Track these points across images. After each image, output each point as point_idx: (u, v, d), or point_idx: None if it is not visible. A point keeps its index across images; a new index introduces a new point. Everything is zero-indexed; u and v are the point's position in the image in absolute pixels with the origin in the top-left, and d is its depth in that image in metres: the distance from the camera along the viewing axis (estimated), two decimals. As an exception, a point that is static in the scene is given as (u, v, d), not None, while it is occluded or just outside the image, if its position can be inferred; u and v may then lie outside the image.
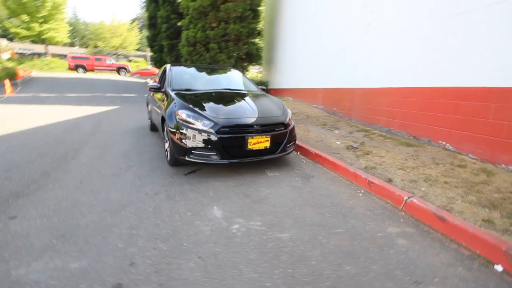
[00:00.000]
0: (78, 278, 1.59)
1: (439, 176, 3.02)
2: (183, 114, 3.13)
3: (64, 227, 2.11)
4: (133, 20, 40.98)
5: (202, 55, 12.03)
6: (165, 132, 3.55)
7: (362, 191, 2.86)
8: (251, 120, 3.13)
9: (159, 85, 4.04)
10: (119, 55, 38.70)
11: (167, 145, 3.67)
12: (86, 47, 40.12)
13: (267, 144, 3.17)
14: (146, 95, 6.30)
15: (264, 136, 3.14)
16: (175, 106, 3.30)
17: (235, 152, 3.07)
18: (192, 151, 3.03)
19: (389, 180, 2.89)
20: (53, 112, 7.91)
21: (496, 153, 3.20)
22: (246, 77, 4.95)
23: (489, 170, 3.10)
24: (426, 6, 4.24)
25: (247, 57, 12.95)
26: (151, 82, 5.65)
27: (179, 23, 14.72)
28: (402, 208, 2.40)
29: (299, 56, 9.60)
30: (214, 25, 12.12)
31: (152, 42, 17.71)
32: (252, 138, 3.06)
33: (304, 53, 9.10)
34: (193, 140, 3.00)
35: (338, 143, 4.45)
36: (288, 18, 10.72)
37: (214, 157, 3.02)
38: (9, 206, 2.45)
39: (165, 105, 3.60)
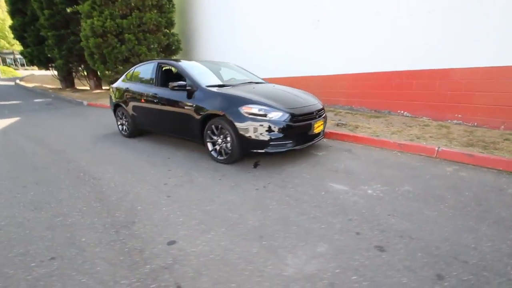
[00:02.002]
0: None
1: (422, 133, 4.34)
2: (253, 108, 3.20)
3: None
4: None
5: (115, 48, 10.49)
6: (207, 133, 3.55)
7: (396, 151, 3.82)
8: (312, 107, 3.53)
9: (185, 83, 3.73)
10: None
11: (210, 146, 3.59)
12: None
13: (322, 127, 3.68)
14: (112, 97, 5.34)
15: (321, 121, 3.62)
16: (236, 101, 3.29)
17: (302, 138, 3.43)
18: (271, 143, 3.19)
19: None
20: None
21: (443, 113, 4.83)
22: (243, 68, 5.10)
23: (444, 125, 4.68)
24: (374, 10, 5.55)
25: (167, 49, 12.13)
26: (132, 85, 4.86)
27: (69, 9, 11.94)
28: (436, 155, 3.48)
29: (238, 49, 9.89)
30: (125, 12, 10.70)
31: (22, 33, 13.62)
32: (316, 123, 3.49)
33: (243, 46, 9.48)
34: (272, 132, 3.16)
35: (330, 122, 5.34)
36: (211, 11, 10.72)
37: (289, 145, 3.29)
38: None
39: (202, 104, 3.53)
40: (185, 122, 3.81)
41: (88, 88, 14.55)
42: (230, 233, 2.03)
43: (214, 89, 3.62)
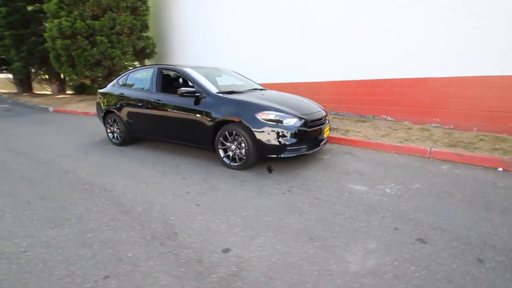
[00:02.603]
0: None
1: (408, 136, 4.78)
2: (270, 114, 3.28)
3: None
4: None
5: (86, 50, 9.87)
6: (218, 139, 3.56)
7: (392, 153, 4.16)
8: (320, 113, 3.71)
9: (194, 89, 3.68)
10: None
11: (222, 152, 3.60)
12: None
13: (328, 132, 3.88)
14: (101, 103, 5.03)
15: (328, 126, 3.82)
16: (252, 108, 3.35)
17: (314, 142, 3.59)
18: (287, 148, 3.29)
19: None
20: None
21: (422, 117, 5.35)
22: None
23: (425, 128, 5.19)
24: (356, 21, 6.00)
25: (141, 52, 11.70)
26: (127, 90, 4.62)
27: (30, 7, 10.90)
28: (429, 156, 3.87)
29: (218, 54, 9.86)
30: (96, 13, 10.15)
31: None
32: (325, 128, 3.68)
33: (223, 52, 9.49)
34: (288, 137, 3.27)
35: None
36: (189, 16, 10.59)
37: (303, 149, 3.42)
38: None
39: (214, 111, 3.54)
40: (194, 128, 3.76)
41: (49, 93, 13.37)
42: (280, 237, 2.08)
43: (226, 96, 3.63)
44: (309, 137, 3.43)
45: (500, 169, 3.36)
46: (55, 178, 3.37)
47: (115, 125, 4.84)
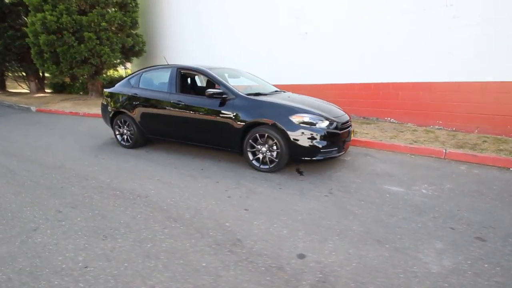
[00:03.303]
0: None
1: (416, 138, 5.00)
2: (305, 117, 3.29)
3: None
4: None
5: (72, 47, 9.33)
6: (248, 142, 3.50)
7: (409, 154, 4.33)
8: (346, 116, 3.77)
9: (221, 90, 3.60)
10: None
11: (251, 155, 3.56)
12: None
13: (353, 135, 3.95)
14: (109, 103, 4.76)
15: (352, 128, 3.89)
16: (286, 110, 3.34)
17: (342, 145, 3.64)
18: (321, 150, 3.31)
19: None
20: None
21: (426, 119, 5.63)
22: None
23: (429, 130, 5.46)
24: (359, 26, 6.18)
25: (130, 51, 11.25)
26: (141, 91, 4.40)
27: (8, 0, 10.02)
28: (444, 157, 4.07)
29: (215, 54, 9.70)
30: (83, 8, 9.63)
31: None
32: (351, 131, 3.75)
33: (220, 52, 9.37)
34: (321, 140, 3.29)
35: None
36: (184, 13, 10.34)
37: (334, 152, 3.46)
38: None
39: (244, 113, 3.49)
40: (220, 131, 3.67)
41: (26, 91, 12.42)
42: (347, 240, 2.08)
43: (257, 98, 3.59)
44: (340, 139, 3.48)
45: (511, 168, 3.62)
46: (76, 184, 3.14)
47: (125, 126, 4.60)
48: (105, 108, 4.89)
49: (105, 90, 4.94)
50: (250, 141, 3.52)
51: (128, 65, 14.28)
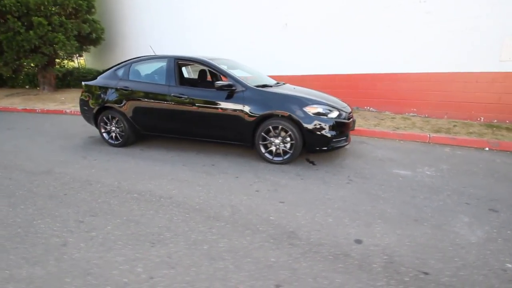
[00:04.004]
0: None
1: (396, 124, 5.47)
2: (318, 108, 3.37)
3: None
4: None
5: (19, 34, 8.16)
6: (260, 134, 3.47)
7: (397, 140, 4.71)
8: (349, 107, 3.94)
9: (229, 82, 3.48)
10: None
11: (263, 148, 3.57)
12: None
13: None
14: (91, 98, 4.28)
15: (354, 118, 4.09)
16: (299, 102, 3.38)
17: (348, 134, 3.81)
18: (333, 139, 3.44)
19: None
20: None
21: (401, 108, 6.15)
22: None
23: (406, 117, 5.99)
24: (342, 20, 6.45)
25: (87, 38, 10.18)
26: (133, 83, 4.03)
27: None
28: (429, 141, 4.53)
29: (187, 45, 9.24)
30: (30, -11, 8.40)
31: None
32: (354, 120, 3.94)
33: (193, 42, 8.97)
34: (333, 130, 3.41)
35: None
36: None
37: (343, 141, 3.62)
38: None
39: (256, 105, 3.44)
40: (230, 124, 3.58)
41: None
42: (390, 223, 2.23)
43: (268, 90, 3.56)
44: (348, 129, 3.64)
45: (487, 148, 4.18)
46: (81, 190, 2.82)
47: (113, 123, 4.20)
48: (85, 103, 4.40)
49: (84, 83, 4.43)
50: (262, 133, 3.49)
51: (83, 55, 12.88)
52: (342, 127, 3.51)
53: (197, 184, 2.97)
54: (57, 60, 10.39)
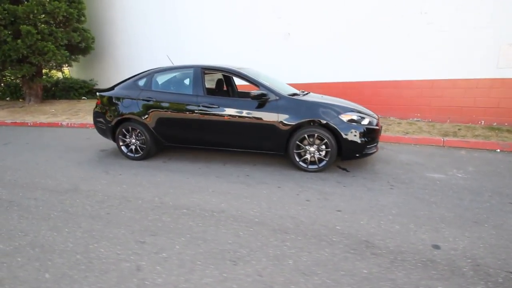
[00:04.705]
0: None
1: (405, 129, 5.67)
2: (353, 115, 3.43)
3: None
4: None
5: (5, 42, 7.71)
6: (294, 143, 3.46)
7: (412, 145, 4.88)
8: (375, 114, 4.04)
9: (263, 92, 3.45)
10: None
11: (297, 156, 3.56)
12: None
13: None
14: (109, 110, 4.07)
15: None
16: (335, 110, 3.41)
17: (378, 141, 3.88)
18: (367, 146, 3.50)
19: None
20: None
21: (405, 113, 6.40)
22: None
23: (411, 122, 6.23)
24: (341, 29, 6.66)
25: (76, 47, 9.79)
26: (156, 94, 3.89)
27: None
28: (443, 144, 4.73)
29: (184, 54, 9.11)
30: (17, -4, 8.01)
31: None
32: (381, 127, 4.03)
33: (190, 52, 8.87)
34: (367, 137, 3.46)
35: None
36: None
37: (374, 148, 3.68)
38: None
39: (291, 114, 3.43)
40: (264, 133, 3.54)
41: None
42: (455, 226, 2.27)
43: (302, 98, 3.57)
44: (378, 135, 3.72)
45: (498, 150, 4.43)
46: (122, 208, 2.64)
47: (133, 136, 4.02)
48: (101, 115, 4.18)
49: (99, 94, 4.22)
50: (297, 142, 3.48)
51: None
52: (373, 134, 3.57)
53: (243, 196, 2.89)
54: (44, 71, 9.86)
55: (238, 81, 4.55)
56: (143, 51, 9.92)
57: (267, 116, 3.50)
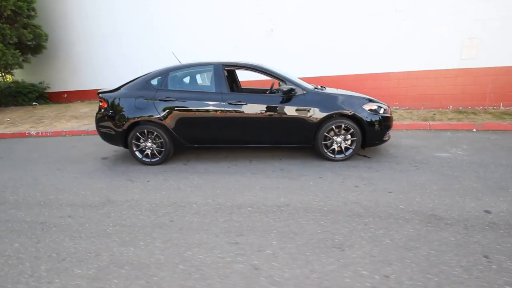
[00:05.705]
0: None
1: (400, 114, 6.28)
2: (374, 105, 3.71)
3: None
4: None
5: None
6: (322, 134, 3.61)
7: (405, 130, 5.42)
8: (383, 103, 4.39)
9: (291, 87, 3.52)
10: None
11: (324, 147, 3.74)
12: None
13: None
14: (118, 112, 3.74)
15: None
16: (358, 101, 3.66)
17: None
18: (385, 133, 3.82)
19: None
20: None
21: (386, 102, 7.03)
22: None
23: (392, 110, 6.87)
24: (325, 23, 7.03)
25: (26, 46, 8.64)
26: (176, 94, 3.66)
27: None
28: (429, 128, 5.36)
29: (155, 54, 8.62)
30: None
31: None
32: (388, 114, 4.41)
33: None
34: (385, 125, 3.79)
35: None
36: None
37: (388, 135, 4.03)
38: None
39: (319, 107, 3.58)
40: (293, 127, 3.64)
41: None
42: (497, 194, 2.60)
43: (327, 91, 3.73)
44: (391, 123, 4.05)
45: (474, 130, 5.18)
46: (181, 213, 2.51)
47: (150, 139, 3.76)
48: (108, 120, 3.81)
49: (102, 95, 3.83)
50: (325, 133, 3.64)
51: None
52: (388, 122, 3.89)
53: (293, 188, 2.95)
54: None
55: (250, 77, 4.53)
56: (109, 48, 9.12)
57: (297, 110, 3.58)
